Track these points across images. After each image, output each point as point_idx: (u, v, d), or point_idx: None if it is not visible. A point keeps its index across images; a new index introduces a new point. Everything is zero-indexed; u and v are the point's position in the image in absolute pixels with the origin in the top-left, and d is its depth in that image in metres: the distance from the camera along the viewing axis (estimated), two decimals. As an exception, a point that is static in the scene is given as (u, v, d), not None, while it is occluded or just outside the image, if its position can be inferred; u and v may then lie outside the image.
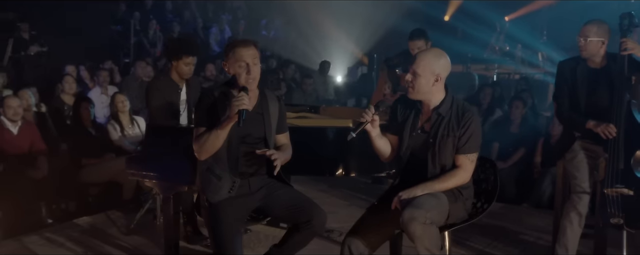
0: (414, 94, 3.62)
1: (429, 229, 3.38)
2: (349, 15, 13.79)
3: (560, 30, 13.65)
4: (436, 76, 3.54)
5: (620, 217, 4.36)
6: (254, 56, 3.61)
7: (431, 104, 3.60)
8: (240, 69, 3.58)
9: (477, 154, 3.60)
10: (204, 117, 3.63)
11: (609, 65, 4.53)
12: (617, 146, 4.36)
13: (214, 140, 3.51)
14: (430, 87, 3.57)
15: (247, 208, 3.69)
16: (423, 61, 3.54)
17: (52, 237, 5.45)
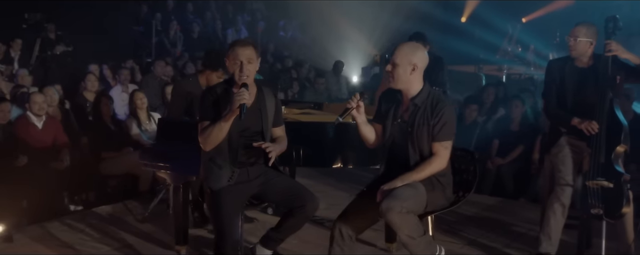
0: (394, 83, 3.89)
1: (406, 217, 3.65)
2: (366, 17, 14.01)
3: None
4: (413, 65, 3.82)
5: (600, 208, 4.59)
6: (249, 56, 3.88)
7: (409, 94, 3.88)
8: (235, 66, 3.86)
9: (451, 142, 3.84)
10: (207, 112, 3.92)
11: (595, 65, 4.73)
12: (599, 141, 4.58)
13: (218, 132, 3.81)
14: (408, 76, 3.84)
15: (246, 194, 3.99)
16: (401, 52, 3.85)
17: (73, 223, 5.78)
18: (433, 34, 13.79)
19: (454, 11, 16.36)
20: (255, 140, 3.95)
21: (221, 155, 3.92)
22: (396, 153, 3.94)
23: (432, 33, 13.71)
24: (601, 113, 4.58)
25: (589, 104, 4.65)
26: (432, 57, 6.40)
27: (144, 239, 5.40)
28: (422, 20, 13.87)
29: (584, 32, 4.73)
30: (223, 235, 3.81)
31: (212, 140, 3.84)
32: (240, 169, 3.95)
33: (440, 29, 15.39)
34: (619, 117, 4.63)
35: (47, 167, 6.41)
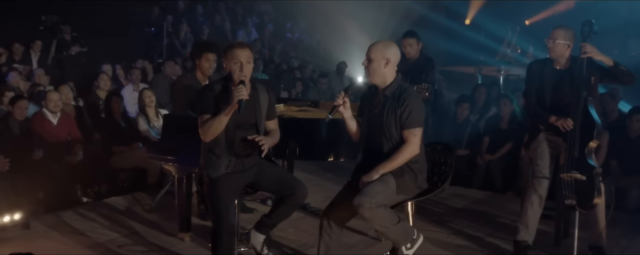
0: (370, 77, 4.18)
1: (376, 211, 3.94)
2: (368, 20, 14.25)
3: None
4: (386, 60, 4.11)
5: (573, 198, 4.86)
6: (247, 56, 4.19)
7: (383, 87, 4.16)
8: (235, 66, 4.16)
9: (420, 129, 4.08)
10: (207, 106, 4.19)
11: (572, 66, 4.97)
12: (573, 137, 4.84)
13: (218, 124, 4.10)
14: (382, 70, 4.13)
15: (241, 183, 4.28)
16: (375, 48, 4.14)
17: (85, 213, 6.12)
18: (435, 36, 14.11)
19: (457, 14, 16.57)
20: (251, 133, 4.23)
21: (219, 146, 4.21)
22: (371, 142, 4.22)
23: (435, 35, 14.03)
24: (576, 111, 4.82)
25: (566, 103, 4.91)
26: (424, 57, 6.75)
27: (151, 227, 5.73)
28: (425, 23, 14.14)
29: (562, 35, 4.99)
30: (220, 219, 4.11)
31: (212, 132, 4.13)
32: (236, 159, 4.24)
33: (442, 32, 15.68)
34: (593, 115, 4.85)
35: (61, 160, 6.73)
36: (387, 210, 4.03)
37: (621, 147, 6.74)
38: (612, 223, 5.68)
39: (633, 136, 6.79)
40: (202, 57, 5.65)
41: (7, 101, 7.23)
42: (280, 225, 5.45)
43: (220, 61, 4.64)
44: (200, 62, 5.66)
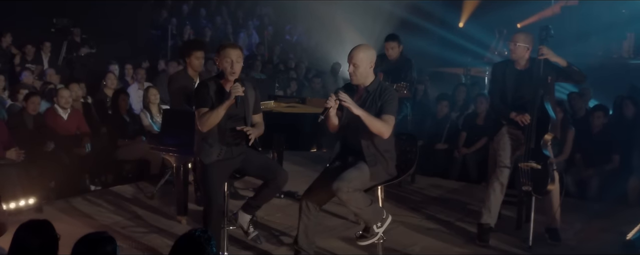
0: (356, 80, 4.59)
1: (353, 194, 4.40)
2: (364, 24, 14.63)
3: (558, 37, 14.40)
4: (370, 63, 4.57)
5: (529, 185, 5.33)
6: (238, 56, 4.61)
7: (364, 85, 4.59)
8: (226, 64, 4.57)
9: (393, 118, 4.50)
10: (204, 101, 4.59)
11: (531, 67, 5.42)
12: (531, 131, 5.30)
13: (216, 117, 4.50)
14: (367, 72, 4.58)
15: (230, 169, 4.73)
16: (359, 55, 4.53)
17: (93, 199, 6.59)
18: (428, 40, 14.53)
19: (450, 18, 16.95)
20: (240, 125, 4.67)
21: (212, 136, 4.63)
22: (349, 133, 4.65)
23: (428, 39, 14.45)
24: (533, 107, 5.29)
25: (525, 100, 5.37)
26: (404, 59, 7.20)
27: (152, 212, 6.20)
28: (417, 28, 14.55)
29: (522, 38, 5.44)
30: (210, 201, 4.58)
31: (211, 123, 4.53)
32: (227, 148, 4.68)
33: (436, 36, 16.04)
34: (548, 111, 5.31)
35: (71, 152, 7.14)
36: (361, 193, 4.49)
37: (585, 142, 7.18)
38: (571, 209, 6.23)
39: (595, 131, 7.24)
40: (191, 55, 6.03)
41: (21, 98, 7.68)
42: (269, 211, 6.03)
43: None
44: (190, 60, 6.03)
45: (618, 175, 6.85)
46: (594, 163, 7.06)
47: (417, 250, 5.30)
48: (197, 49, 6.08)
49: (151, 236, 5.51)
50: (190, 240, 2.74)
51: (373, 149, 4.57)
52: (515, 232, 5.68)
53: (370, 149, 4.57)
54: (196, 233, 2.78)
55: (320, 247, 5.09)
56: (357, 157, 4.61)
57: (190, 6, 15.01)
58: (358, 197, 4.45)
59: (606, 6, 13.74)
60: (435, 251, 5.30)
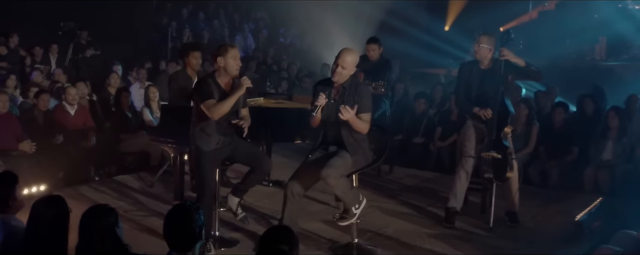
0: (338, 79, 4.92)
1: (339, 180, 4.81)
2: (355, 27, 14.98)
3: (536, 40, 14.86)
4: (354, 66, 4.95)
5: (490, 173, 5.74)
6: (238, 54, 5.03)
7: (338, 82, 4.95)
8: (235, 62, 4.93)
9: (370, 114, 4.93)
10: (210, 94, 4.89)
11: (493, 67, 5.82)
12: (492, 123, 5.70)
13: (227, 106, 4.82)
14: (349, 74, 4.94)
15: (222, 156, 5.12)
16: (347, 59, 4.89)
17: (98, 187, 6.96)
18: (414, 43, 14.86)
19: (436, 22, 17.33)
20: (233, 118, 5.04)
21: (209, 127, 4.98)
22: (329, 126, 5.03)
23: (413, 43, 14.78)
24: (494, 103, 5.67)
25: (487, 96, 5.76)
26: (383, 60, 7.58)
27: (151, 198, 6.59)
28: (404, 32, 14.92)
29: (485, 40, 5.84)
30: (204, 185, 4.98)
31: (222, 112, 4.83)
32: (224, 137, 5.03)
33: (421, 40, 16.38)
34: (508, 106, 5.71)
35: (77, 145, 7.52)
36: (346, 179, 4.90)
37: (548, 135, 7.60)
38: (532, 196, 6.65)
39: (556, 126, 7.65)
40: (189, 56, 6.38)
41: (32, 95, 8.07)
42: (258, 197, 6.42)
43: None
44: (189, 59, 6.38)
45: (576, 166, 7.26)
46: (556, 155, 7.48)
47: (389, 231, 5.70)
48: (194, 50, 6.45)
49: (151, 219, 5.91)
50: (181, 209, 3.13)
51: (352, 139, 4.96)
52: (480, 215, 6.07)
53: (350, 139, 4.96)
54: (187, 204, 3.18)
55: (303, 228, 5.47)
56: (339, 146, 5.00)
57: (189, 10, 15.33)
58: (343, 182, 4.86)
59: (580, 12, 14.15)
60: (405, 232, 5.69)
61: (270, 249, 2.75)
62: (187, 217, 3.02)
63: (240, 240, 5.34)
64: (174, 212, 3.10)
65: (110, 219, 3.21)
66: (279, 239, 2.78)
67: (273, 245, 2.75)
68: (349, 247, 5.17)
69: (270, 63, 13.71)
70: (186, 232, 3.01)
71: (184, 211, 3.07)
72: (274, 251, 2.73)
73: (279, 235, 2.82)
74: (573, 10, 14.45)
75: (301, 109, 6.33)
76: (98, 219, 3.17)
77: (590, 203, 6.03)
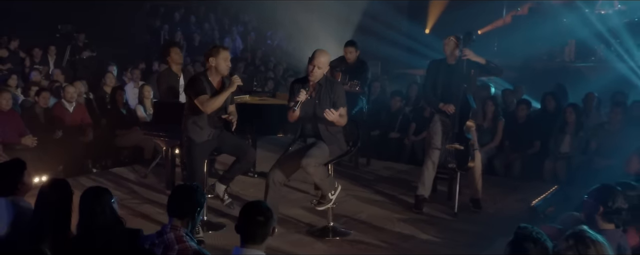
0: (314, 78, 5.28)
1: (318, 168, 5.16)
2: (339, 31, 15.30)
3: (510, 43, 15.28)
4: (328, 66, 5.35)
5: (454, 162, 6.11)
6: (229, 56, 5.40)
7: (315, 80, 5.31)
8: (225, 63, 5.29)
9: (345, 108, 5.30)
10: (203, 89, 5.21)
11: (458, 63, 6.19)
12: (455, 117, 6.07)
13: (220, 101, 5.18)
14: (323, 73, 5.31)
15: (211, 147, 5.48)
16: (321, 60, 5.27)
17: (96, 179, 7.26)
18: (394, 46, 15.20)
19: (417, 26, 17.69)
20: (222, 113, 5.40)
21: (201, 120, 5.32)
22: (307, 120, 5.39)
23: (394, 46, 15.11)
24: (457, 99, 6.03)
25: (452, 92, 6.13)
26: (360, 61, 7.93)
27: (145, 188, 6.93)
28: (386, 36, 15.28)
29: (454, 42, 6.19)
30: (194, 173, 5.33)
31: (215, 106, 5.19)
32: (214, 130, 5.39)
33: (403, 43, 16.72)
34: (470, 102, 6.06)
35: (76, 140, 7.80)
36: (323, 167, 5.26)
37: (512, 130, 7.98)
38: (496, 186, 7.03)
39: (520, 122, 8.03)
40: (170, 52, 6.70)
41: (33, 94, 8.37)
42: (244, 187, 6.77)
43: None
44: (171, 56, 6.71)
45: (537, 158, 7.65)
46: (519, 148, 7.86)
47: (363, 216, 6.07)
48: (172, 46, 6.79)
49: (145, 206, 6.26)
50: (184, 188, 3.59)
51: (328, 132, 5.33)
52: (446, 202, 6.44)
53: (326, 132, 5.33)
54: (189, 183, 3.62)
55: (284, 214, 5.87)
56: (316, 138, 5.36)
57: (181, 14, 15.57)
58: (321, 170, 5.22)
59: (550, 16, 14.58)
60: (377, 217, 6.06)
61: (249, 220, 3.11)
62: (190, 195, 3.41)
63: (226, 225, 5.69)
64: (178, 189, 3.55)
65: (107, 196, 3.57)
66: (256, 212, 3.14)
67: (251, 216, 3.11)
68: (325, 230, 5.54)
69: (258, 64, 14.03)
70: (190, 201, 3.49)
71: (187, 190, 3.49)
72: (253, 222, 3.09)
73: (255, 208, 3.17)
74: (544, 14, 14.89)
75: (283, 105, 6.64)
76: (96, 196, 3.53)
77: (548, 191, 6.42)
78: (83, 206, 3.48)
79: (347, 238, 5.48)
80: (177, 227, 3.49)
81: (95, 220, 3.43)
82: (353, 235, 5.54)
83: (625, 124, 7.13)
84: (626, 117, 7.26)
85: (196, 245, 3.48)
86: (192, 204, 3.53)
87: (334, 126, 5.33)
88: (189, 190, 3.58)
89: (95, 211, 3.41)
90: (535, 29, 15.04)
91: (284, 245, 5.21)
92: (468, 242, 5.39)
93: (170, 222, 3.51)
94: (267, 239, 3.15)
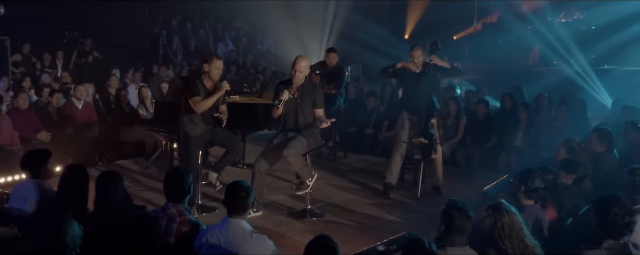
0: (297, 81, 5.82)
1: (297, 158, 5.71)
2: (323, 36, 15.73)
3: (480, 48, 15.87)
4: (308, 70, 5.87)
5: (419, 154, 6.68)
6: (222, 65, 5.93)
7: (297, 83, 5.86)
8: (217, 70, 5.82)
9: (323, 108, 5.86)
10: (198, 92, 5.75)
11: (424, 70, 6.71)
12: (422, 115, 6.62)
13: (210, 103, 5.74)
14: (304, 75, 5.85)
15: (204, 141, 6.03)
16: (302, 64, 5.80)
17: (102, 170, 7.67)
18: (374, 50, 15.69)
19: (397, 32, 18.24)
20: (214, 111, 5.94)
21: (196, 118, 5.86)
22: (289, 116, 5.93)
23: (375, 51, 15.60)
24: (424, 99, 6.58)
25: (419, 94, 6.63)
26: (338, 66, 8.47)
27: (146, 178, 7.46)
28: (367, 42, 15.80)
29: (418, 54, 6.73)
30: (190, 163, 5.88)
31: (206, 107, 5.75)
32: (207, 126, 5.93)
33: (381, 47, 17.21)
34: (434, 102, 6.61)
35: (84, 135, 8.26)
36: (302, 157, 5.81)
37: (473, 127, 8.56)
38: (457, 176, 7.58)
39: (479, 119, 8.60)
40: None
41: (46, 94, 8.86)
42: (234, 177, 6.83)
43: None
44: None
45: (494, 151, 8.23)
46: (478, 142, 8.43)
47: (337, 201, 6.63)
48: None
49: (146, 192, 6.79)
50: (175, 172, 4.11)
51: (306, 127, 5.88)
52: (412, 189, 6.97)
53: (305, 127, 5.88)
54: (180, 168, 4.13)
55: (268, 198, 6.42)
56: (296, 132, 5.90)
57: (178, 21, 15.96)
58: (300, 160, 5.78)
59: (516, 24, 15.21)
60: (350, 202, 6.62)
61: (233, 195, 3.67)
62: (182, 176, 3.96)
63: (218, 208, 6.19)
64: (170, 174, 4.03)
65: (118, 178, 4.12)
66: (239, 189, 3.70)
67: (235, 192, 3.68)
68: (304, 212, 6.10)
69: (249, 67, 14.52)
70: (181, 185, 3.97)
71: (177, 173, 4.00)
72: (236, 196, 3.66)
73: (237, 185, 3.73)
74: (511, 23, 15.52)
75: (268, 104, 7.18)
76: (110, 178, 4.08)
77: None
78: (99, 186, 4.02)
79: (322, 219, 6.04)
80: (177, 204, 4.04)
81: (109, 198, 3.97)
82: (328, 217, 6.10)
83: (569, 120, 7.72)
84: (570, 114, 7.86)
85: (195, 219, 4.03)
86: (183, 187, 4.04)
87: (312, 122, 5.88)
88: (180, 176, 4.06)
89: (108, 190, 3.96)
90: (503, 35, 15.69)
91: (269, 225, 5.76)
92: (426, 222, 5.88)
93: (169, 203, 4.06)
94: (248, 210, 3.71)
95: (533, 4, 16.04)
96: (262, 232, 3.85)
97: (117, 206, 3.98)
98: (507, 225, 3.41)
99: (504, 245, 3.39)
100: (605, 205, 3.44)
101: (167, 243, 3.82)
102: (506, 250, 3.39)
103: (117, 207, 3.98)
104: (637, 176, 4.09)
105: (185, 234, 3.86)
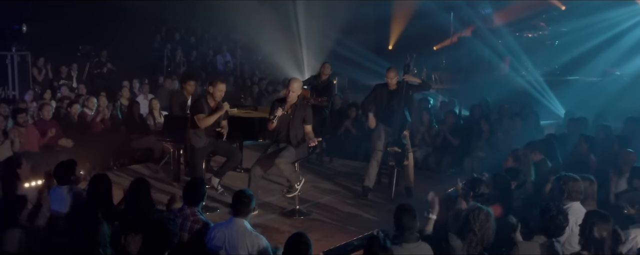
0: (291, 100, 6.41)
1: (287, 165, 6.31)
2: (318, 47, 16.33)
3: (456, 59, 16.50)
4: (300, 90, 6.46)
5: (393, 161, 7.29)
6: (224, 88, 6.56)
7: (291, 101, 6.45)
8: (219, 93, 6.45)
9: (311, 125, 6.45)
10: (202, 110, 6.39)
11: (398, 87, 7.32)
12: (397, 127, 7.22)
13: (211, 120, 6.37)
14: (297, 95, 6.43)
15: (208, 151, 6.65)
16: (295, 85, 6.37)
17: (117, 173, 8.31)
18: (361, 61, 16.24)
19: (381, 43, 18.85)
20: (216, 126, 6.55)
21: (200, 132, 6.49)
22: (281, 130, 6.51)
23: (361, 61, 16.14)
24: (398, 113, 7.17)
25: (393, 109, 7.23)
26: (328, 80, 9.06)
27: (156, 181, 7.97)
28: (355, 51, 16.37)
29: (395, 72, 7.35)
30: (195, 170, 6.50)
31: (208, 124, 6.39)
32: (210, 138, 6.56)
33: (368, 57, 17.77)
34: (407, 116, 7.20)
35: (100, 142, 8.74)
36: (291, 165, 6.41)
37: (443, 135, 9.17)
38: (427, 178, 8.17)
39: (449, 128, 9.21)
40: (187, 84, 7.76)
41: (65, 105, 9.41)
42: (233, 180, 7.82)
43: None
44: (186, 87, 7.76)
45: (461, 157, 8.85)
46: (447, 148, 9.07)
47: (322, 201, 7.26)
48: (191, 79, 7.84)
49: (157, 195, 7.19)
50: (193, 182, 4.78)
51: (296, 139, 6.49)
52: (387, 191, 7.56)
53: (295, 139, 6.48)
54: (197, 179, 4.86)
55: (262, 199, 7.00)
56: (287, 143, 6.50)
57: (181, 34, 16.56)
58: (290, 166, 6.38)
59: (488, 38, 15.87)
60: (333, 202, 7.26)
61: (238, 201, 4.35)
62: (198, 185, 4.67)
63: (219, 208, 6.81)
64: (191, 181, 4.72)
65: (147, 183, 4.75)
66: (243, 196, 4.41)
67: (240, 199, 4.36)
68: (293, 211, 6.71)
69: (245, 78, 15.06)
70: (197, 193, 4.65)
71: (197, 182, 4.69)
72: (240, 202, 4.34)
73: (242, 193, 4.45)
74: (483, 36, 16.20)
75: (264, 117, 7.80)
76: (141, 184, 4.73)
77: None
78: (131, 189, 4.66)
79: (308, 217, 6.67)
80: (192, 207, 4.65)
81: (139, 199, 4.62)
82: (313, 215, 6.72)
83: (524, 129, 8.37)
84: (525, 123, 8.52)
85: (205, 218, 4.65)
86: (199, 193, 4.69)
87: (301, 135, 6.50)
88: (197, 184, 4.71)
89: (140, 193, 4.60)
90: (476, 48, 16.37)
91: (263, 222, 6.38)
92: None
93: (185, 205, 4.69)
94: (250, 213, 4.35)
95: (505, 17, 16.73)
96: (257, 228, 4.50)
97: (143, 207, 4.60)
98: (483, 214, 3.98)
99: (474, 225, 3.94)
100: (551, 212, 4.03)
101: (182, 238, 4.44)
102: (474, 229, 3.93)
103: (143, 207, 4.60)
104: (562, 183, 4.72)
105: (197, 231, 4.48)
